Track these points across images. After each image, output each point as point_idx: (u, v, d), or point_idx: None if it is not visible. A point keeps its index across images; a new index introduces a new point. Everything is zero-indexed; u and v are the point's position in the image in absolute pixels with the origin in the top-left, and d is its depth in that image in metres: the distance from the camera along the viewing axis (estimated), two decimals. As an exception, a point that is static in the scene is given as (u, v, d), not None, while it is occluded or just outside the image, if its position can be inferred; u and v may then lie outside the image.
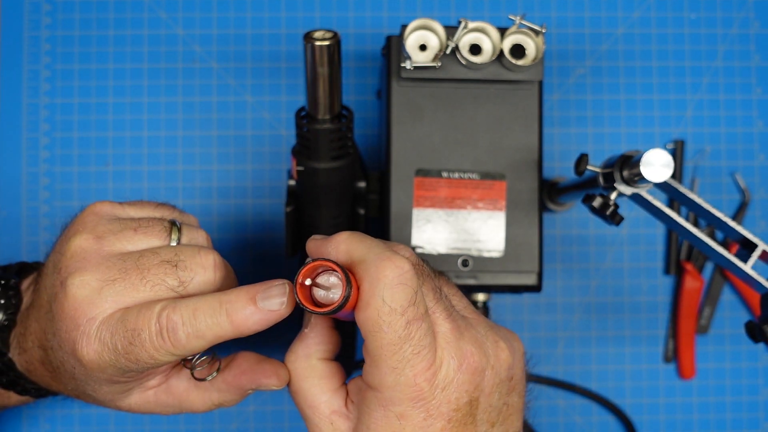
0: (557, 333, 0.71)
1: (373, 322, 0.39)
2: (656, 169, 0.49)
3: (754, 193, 0.72)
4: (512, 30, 0.57)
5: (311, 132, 0.52)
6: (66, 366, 0.46)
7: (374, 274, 0.39)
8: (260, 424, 0.70)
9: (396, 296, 0.39)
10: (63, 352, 0.45)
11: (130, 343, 0.43)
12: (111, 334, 0.43)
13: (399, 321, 0.39)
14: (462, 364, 0.41)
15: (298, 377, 0.44)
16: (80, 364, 0.44)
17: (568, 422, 0.71)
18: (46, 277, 0.48)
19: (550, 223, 0.71)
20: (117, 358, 0.43)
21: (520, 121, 0.60)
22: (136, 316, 0.43)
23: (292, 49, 0.71)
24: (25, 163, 0.70)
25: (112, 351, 0.43)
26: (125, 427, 0.69)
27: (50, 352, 0.47)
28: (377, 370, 0.40)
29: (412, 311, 0.39)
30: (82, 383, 0.47)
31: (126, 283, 0.44)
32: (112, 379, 0.45)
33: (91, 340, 0.43)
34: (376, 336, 0.39)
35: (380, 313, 0.39)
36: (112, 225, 0.47)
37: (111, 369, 0.44)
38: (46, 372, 0.49)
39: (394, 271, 0.39)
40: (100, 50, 0.71)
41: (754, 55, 0.73)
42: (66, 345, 0.45)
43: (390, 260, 0.39)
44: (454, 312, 0.43)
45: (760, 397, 0.72)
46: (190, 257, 0.46)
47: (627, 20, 0.73)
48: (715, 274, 0.72)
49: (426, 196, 0.59)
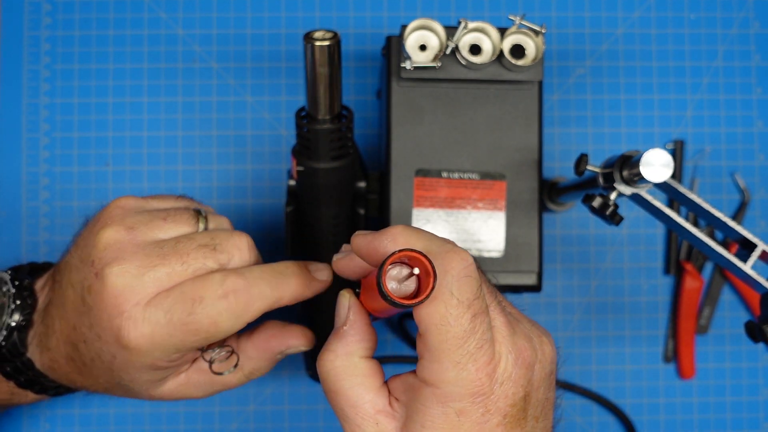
0: (557, 333, 0.71)
1: (440, 315, 0.38)
2: (656, 169, 0.49)
3: (753, 193, 0.72)
4: (512, 30, 0.57)
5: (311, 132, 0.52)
6: (103, 357, 0.47)
7: (441, 266, 0.38)
8: (260, 424, 0.70)
9: (464, 288, 0.38)
10: (102, 342, 0.46)
11: (190, 313, 0.44)
12: (165, 310, 0.45)
13: (466, 314, 0.38)
14: (518, 359, 0.40)
15: (338, 376, 0.42)
16: (125, 351, 0.45)
17: (568, 422, 0.71)
18: (71, 273, 0.48)
19: (550, 223, 0.71)
20: (172, 334, 0.45)
21: (520, 121, 0.60)
22: (195, 285, 0.45)
23: (292, 49, 0.71)
24: (25, 163, 0.70)
25: (167, 326, 0.45)
26: (125, 427, 0.69)
27: (82, 346, 0.48)
28: (438, 365, 0.38)
29: (478, 304, 0.38)
30: (118, 373, 0.47)
31: (167, 268, 0.45)
32: (156, 363, 0.47)
33: (139, 323, 0.45)
34: (441, 330, 0.38)
35: (448, 306, 0.37)
36: (141, 216, 0.48)
37: (160, 351, 0.45)
38: (73, 368, 0.50)
39: (461, 263, 0.38)
40: (100, 50, 0.71)
41: (754, 55, 0.73)
42: (107, 333, 0.45)
43: (455, 252, 0.38)
44: (504, 306, 0.43)
45: (760, 397, 0.72)
46: (225, 240, 0.47)
47: (627, 20, 0.73)
48: (715, 274, 0.72)
49: (426, 196, 0.59)
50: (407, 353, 0.71)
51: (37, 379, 0.52)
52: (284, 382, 0.70)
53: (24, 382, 0.52)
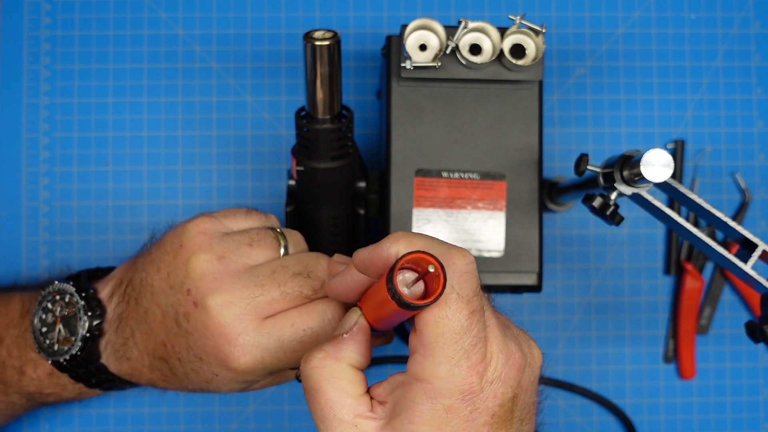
0: (557, 333, 0.71)
1: (438, 308, 0.38)
2: (656, 169, 0.49)
3: (754, 193, 0.72)
4: (512, 30, 0.57)
5: (311, 132, 0.52)
6: (201, 374, 0.50)
7: (443, 262, 0.38)
8: (260, 424, 0.70)
9: (464, 284, 0.38)
10: (203, 363, 0.50)
11: (300, 341, 0.49)
12: (276, 338, 0.48)
13: (464, 310, 0.38)
14: (509, 360, 0.40)
15: (322, 375, 0.41)
16: (231, 372, 0.49)
17: (569, 422, 0.71)
18: (156, 295, 0.51)
19: (550, 223, 0.71)
20: (281, 359, 0.49)
21: (520, 121, 0.60)
22: (302, 316, 0.49)
23: (292, 48, 0.71)
24: (25, 163, 0.70)
25: (278, 352, 0.48)
26: (125, 427, 0.69)
27: (175, 362, 0.51)
28: (431, 360, 0.38)
29: (476, 302, 0.39)
30: (215, 386, 0.51)
31: (267, 297, 0.48)
32: (257, 378, 0.51)
33: (248, 350, 0.48)
34: (439, 323, 0.38)
35: (448, 300, 0.38)
36: (227, 243, 0.50)
37: (266, 371, 0.49)
38: (159, 377, 0.53)
39: (462, 260, 0.39)
40: (100, 50, 0.71)
41: (754, 55, 0.73)
42: (211, 358, 0.49)
43: (457, 249, 0.39)
44: (495, 310, 0.43)
45: (761, 397, 0.72)
46: (315, 266, 0.50)
47: (627, 20, 0.73)
48: (716, 274, 0.72)
49: (426, 196, 0.59)
50: (407, 353, 0.70)
51: (111, 382, 0.55)
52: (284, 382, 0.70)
53: (95, 383, 0.55)
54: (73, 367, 0.54)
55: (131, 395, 0.69)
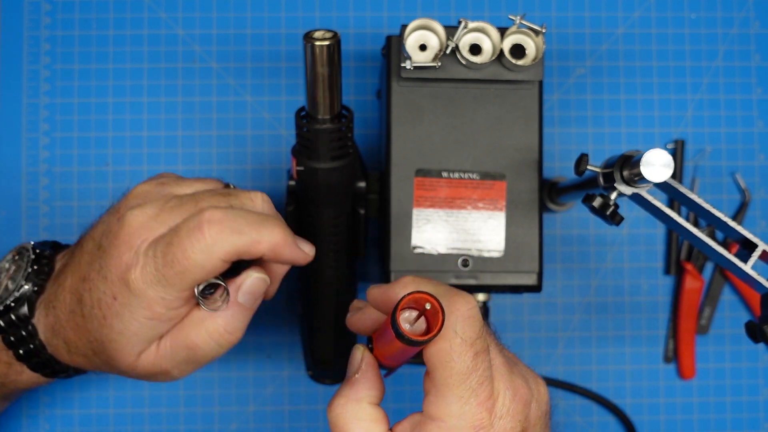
0: (557, 333, 0.71)
1: (445, 353, 0.41)
2: (656, 169, 0.49)
3: (754, 193, 0.72)
4: (512, 30, 0.57)
5: (311, 132, 0.52)
6: (102, 303, 0.48)
7: (447, 307, 0.41)
8: (260, 425, 0.70)
9: (467, 328, 0.41)
10: (107, 284, 0.47)
11: (169, 243, 0.46)
12: (154, 244, 0.46)
13: (468, 352, 0.41)
14: (515, 396, 0.43)
15: (347, 419, 0.44)
16: (125, 289, 0.47)
17: (569, 422, 0.71)
18: (94, 229, 0.51)
19: (550, 223, 0.71)
20: (157, 268, 0.46)
21: (520, 121, 0.60)
22: (173, 214, 0.47)
23: (292, 48, 0.71)
24: (25, 163, 0.70)
25: (154, 260, 0.46)
26: (125, 427, 0.69)
27: (86, 296, 0.49)
28: (443, 401, 0.41)
29: (480, 343, 0.42)
30: (111, 322, 0.48)
31: (181, 210, 0.47)
32: (151, 306, 0.47)
33: (140, 258, 0.46)
34: (446, 366, 0.41)
35: (452, 344, 0.41)
36: (176, 179, 0.52)
37: (152, 289, 0.46)
38: (72, 325, 0.51)
39: (465, 305, 0.42)
40: (100, 50, 0.71)
41: (754, 55, 0.73)
42: (113, 272, 0.47)
43: (460, 295, 0.42)
44: (502, 348, 0.46)
45: (761, 397, 0.72)
46: (241, 192, 0.50)
47: (627, 20, 0.73)
48: (716, 274, 0.72)
49: (426, 196, 0.59)
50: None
51: (36, 351, 0.53)
52: (284, 383, 0.70)
53: (23, 354, 0.53)
54: (5, 328, 0.52)
55: (131, 395, 0.69)
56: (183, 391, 0.69)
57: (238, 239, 0.46)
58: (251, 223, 0.47)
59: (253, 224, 0.47)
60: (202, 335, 0.49)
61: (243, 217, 0.47)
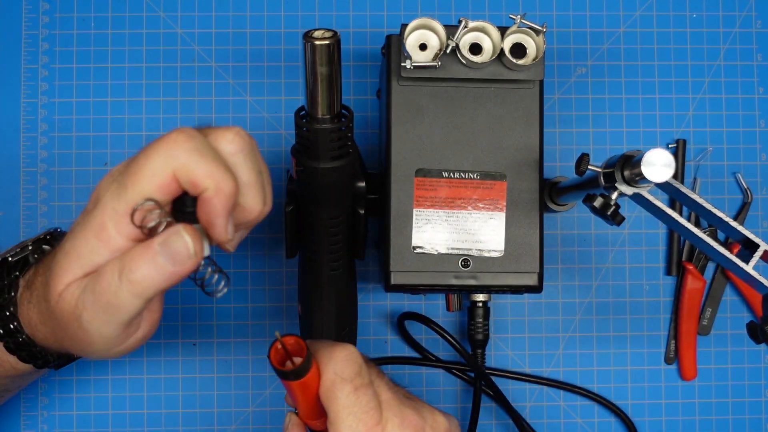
0: (558, 333, 0.71)
1: (330, 392, 0.49)
2: (657, 169, 0.48)
3: (756, 193, 0.72)
4: (513, 29, 0.57)
5: (311, 132, 0.52)
6: (68, 233, 0.48)
7: (328, 355, 0.49)
8: (260, 425, 0.70)
9: (345, 368, 0.49)
10: (75, 224, 0.48)
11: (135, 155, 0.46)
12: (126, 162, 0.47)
13: (349, 387, 0.49)
14: (403, 422, 0.50)
15: None
16: (89, 204, 0.47)
17: (570, 423, 0.71)
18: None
19: (551, 223, 0.71)
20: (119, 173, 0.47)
21: (521, 121, 0.60)
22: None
23: (292, 48, 0.71)
24: (23, 162, 0.70)
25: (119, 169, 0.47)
26: (124, 428, 0.69)
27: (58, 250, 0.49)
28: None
29: (359, 380, 0.49)
30: (61, 246, 0.47)
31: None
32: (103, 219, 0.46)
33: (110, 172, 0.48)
34: (333, 402, 0.48)
35: (334, 383, 0.49)
36: None
37: (108, 194, 0.46)
38: (36, 268, 0.51)
39: (342, 351, 0.49)
40: (98, 49, 0.70)
41: (756, 54, 0.73)
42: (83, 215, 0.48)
43: (340, 345, 0.50)
44: (396, 388, 0.53)
45: (762, 398, 0.72)
46: (216, 127, 0.47)
47: (628, 19, 0.73)
48: (717, 274, 0.72)
49: (426, 196, 0.59)
50: (408, 354, 0.70)
51: (16, 331, 0.52)
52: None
53: (4, 332, 0.52)
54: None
55: (130, 396, 0.69)
56: (182, 392, 0.69)
57: (198, 161, 0.44)
58: (215, 161, 0.45)
59: (216, 162, 0.44)
60: (112, 265, 0.45)
61: (208, 147, 0.45)
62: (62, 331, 0.49)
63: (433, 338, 0.70)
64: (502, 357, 0.71)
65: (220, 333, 0.70)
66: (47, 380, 0.69)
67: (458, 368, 0.70)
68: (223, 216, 0.45)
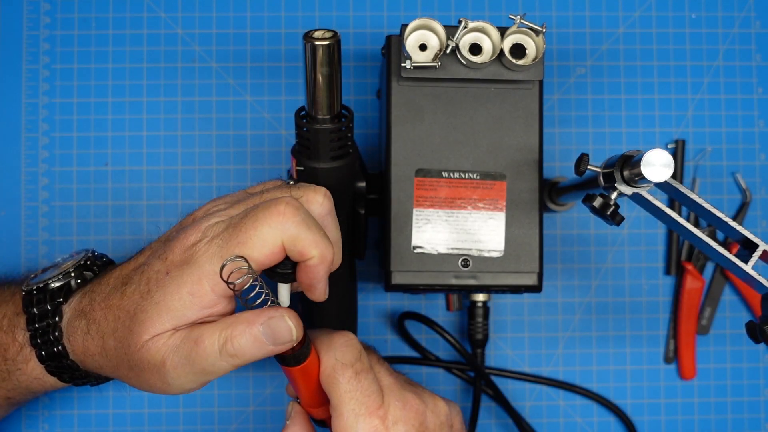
0: (558, 333, 0.71)
1: (331, 378, 0.50)
2: (657, 169, 0.49)
3: (755, 193, 0.72)
4: (512, 29, 0.57)
5: (311, 132, 0.52)
6: (151, 280, 0.49)
7: (328, 342, 0.51)
8: (260, 425, 0.70)
9: (346, 353, 0.50)
10: (165, 263, 0.49)
11: (243, 217, 0.48)
12: (226, 221, 0.48)
13: (349, 372, 0.50)
14: (405, 405, 0.51)
15: None
16: (183, 263, 0.48)
17: (569, 423, 0.71)
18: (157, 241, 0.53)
19: (551, 223, 0.71)
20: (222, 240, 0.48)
21: (521, 121, 0.60)
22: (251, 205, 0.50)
23: (292, 48, 0.71)
24: (24, 163, 0.70)
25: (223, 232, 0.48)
26: (124, 428, 0.69)
27: (136, 276, 0.50)
28: (341, 418, 0.50)
29: (359, 365, 0.50)
30: (151, 296, 0.48)
31: (251, 201, 0.50)
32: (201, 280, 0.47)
33: (208, 233, 0.49)
34: (335, 387, 0.50)
35: (335, 368, 0.50)
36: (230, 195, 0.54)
37: (209, 262, 0.47)
38: (104, 305, 0.51)
39: (341, 338, 0.51)
40: (99, 50, 0.70)
41: (755, 55, 0.73)
42: (177, 250, 0.49)
43: (338, 333, 0.51)
44: (396, 374, 0.54)
45: (761, 397, 0.72)
46: (305, 185, 0.51)
47: (628, 19, 0.73)
48: (716, 274, 0.72)
49: (426, 196, 0.59)
50: (407, 353, 0.71)
51: (60, 355, 0.52)
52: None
53: (45, 356, 0.52)
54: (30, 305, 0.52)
55: (130, 396, 0.69)
56: (182, 392, 0.69)
57: (307, 234, 0.46)
58: (320, 230, 0.48)
59: (320, 231, 0.48)
60: (212, 335, 0.47)
61: (312, 219, 0.48)
62: (132, 372, 0.50)
63: (433, 338, 0.70)
64: (502, 356, 0.71)
65: (220, 333, 0.70)
66: (48, 380, 0.69)
67: (458, 368, 0.70)
68: (324, 280, 0.50)
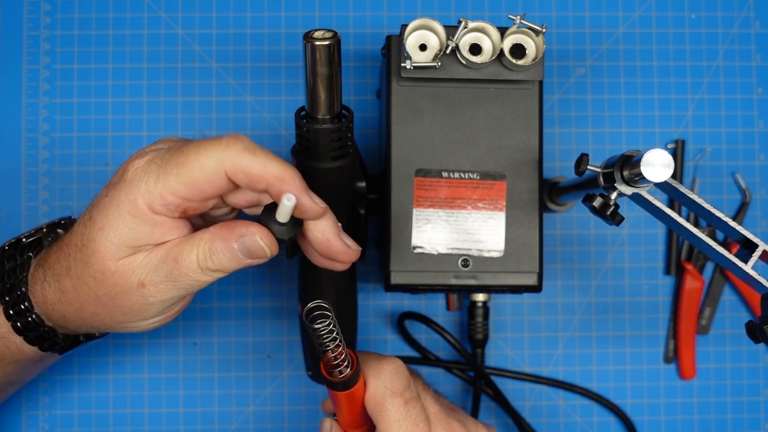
0: (558, 333, 0.71)
1: (380, 405, 0.50)
2: (657, 169, 0.49)
3: (754, 193, 0.72)
4: (512, 29, 0.57)
5: (311, 132, 0.52)
6: (93, 207, 0.49)
7: (376, 368, 0.51)
8: (260, 425, 0.70)
9: (395, 381, 0.50)
10: (106, 188, 0.49)
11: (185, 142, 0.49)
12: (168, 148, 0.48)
13: (399, 401, 0.50)
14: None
15: None
16: (120, 182, 0.48)
17: (569, 423, 0.71)
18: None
19: (551, 223, 0.71)
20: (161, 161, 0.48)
21: (521, 121, 0.60)
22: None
23: (292, 48, 0.71)
24: (24, 162, 0.70)
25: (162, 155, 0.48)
26: (124, 427, 0.69)
27: (82, 215, 0.51)
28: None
29: (408, 393, 0.51)
30: (93, 221, 0.48)
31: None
32: (136, 199, 0.47)
33: (148, 154, 0.49)
34: (383, 415, 0.50)
35: (384, 396, 0.50)
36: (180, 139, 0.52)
37: (145, 180, 0.47)
38: (56, 248, 0.51)
39: (390, 364, 0.51)
40: (99, 50, 0.70)
41: (754, 55, 0.73)
42: (117, 176, 0.49)
43: (387, 358, 0.51)
44: (441, 400, 0.55)
45: (761, 397, 0.72)
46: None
47: (627, 19, 0.73)
48: (716, 274, 0.72)
49: (426, 196, 0.59)
50: (407, 353, 0.71)
51: (26, 310, 0.52)
52: (284, 383, 0.70)
53: (12, 313, 0.53)
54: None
55: (131, 396, 0.69)
56: (183, 391, 0.69)
57: (252, 160, 0.45)
58: (270, 156, 0.46)
59: (270, 156, 0.46)
60: (191, 253, 0.47)
61: (263, 150, 0.46)
62: (100, 306, 0.50)
63: (433, 338, 0.70)
64: (502, 356, 0.71)
65: (220, 332, 0.70)
66: (48, 379, 0.69)
67: (458, 368, 0.70)
68: (329, 224, 0.50)
